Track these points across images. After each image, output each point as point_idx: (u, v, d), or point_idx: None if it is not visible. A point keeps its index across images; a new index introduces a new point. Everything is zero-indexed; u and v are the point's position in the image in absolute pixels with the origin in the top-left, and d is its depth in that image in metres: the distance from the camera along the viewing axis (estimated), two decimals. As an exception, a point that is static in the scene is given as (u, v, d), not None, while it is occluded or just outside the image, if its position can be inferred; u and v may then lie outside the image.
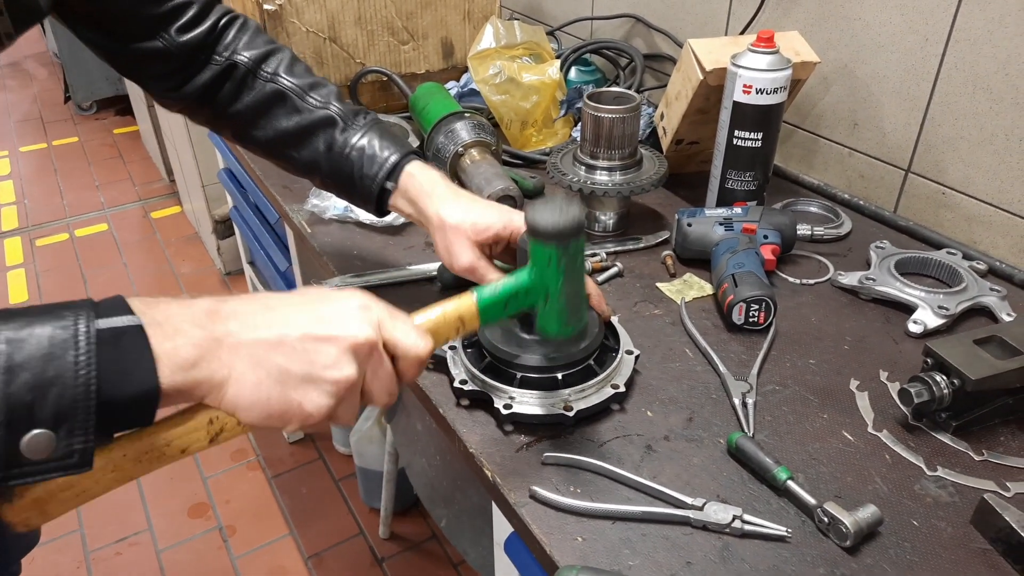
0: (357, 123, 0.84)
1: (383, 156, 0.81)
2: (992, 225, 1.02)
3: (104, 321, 0.44)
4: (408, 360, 0.54)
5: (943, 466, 0.71)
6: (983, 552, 0.63)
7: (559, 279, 0.63)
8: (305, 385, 0.49)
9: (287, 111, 0.84)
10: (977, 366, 0.72)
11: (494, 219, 0.77)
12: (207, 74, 0.83)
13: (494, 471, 0.71)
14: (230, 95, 0.84)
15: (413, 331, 0.55)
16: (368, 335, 0.51)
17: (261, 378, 0.49)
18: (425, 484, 1.41)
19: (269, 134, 0.85)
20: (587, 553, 0.63)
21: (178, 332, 0.47)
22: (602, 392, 0.75)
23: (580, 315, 0.67)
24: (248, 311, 0.50)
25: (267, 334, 0.49)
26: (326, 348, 0.50)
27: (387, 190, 0.82)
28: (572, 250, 0.62)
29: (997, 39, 0.95)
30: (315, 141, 0.83)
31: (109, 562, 1.83)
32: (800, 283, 0.99)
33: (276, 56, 0.85)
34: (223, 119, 0.87)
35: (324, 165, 0.84)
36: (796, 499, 0.66)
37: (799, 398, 0.80)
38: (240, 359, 0.48)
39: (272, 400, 0.49)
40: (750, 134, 1.01)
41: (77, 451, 0.43)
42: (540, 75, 1.29)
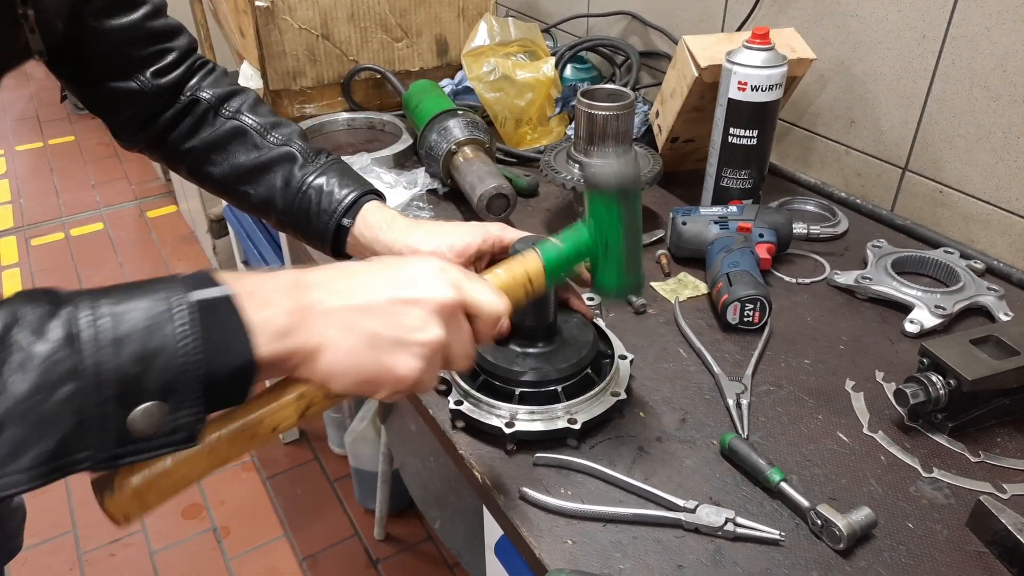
0: (318, 161, 0.82)
1: (342, 193, 0.79)
2: (990, 224, 1.01)
3: (197, 293, 0.44)
4: (485, 319, 0.55)
5: (939, 468, 0.70)
6: (979, 555, 0.62)
7: (619, 230, 0.63)
8: (396, 348, 0.50)
9: (246, 148, 0.82)
10: (974, 366, 0.71)
11: (471, 236, 0.73)
12: (169, 112, 0.82)
13: (483, 473, 0.70)
14: (188, 130, 0.83)
15: (490, 290, 0.55)
16: (451, 295, 0.52)
17: (352, 344, 0.49)
18: (419, 485, 1.40)
19: (225, 170, 0.83)
20: (577, 556, 0.62)
21: (269, 302, 0.47)
22: (604, 401, 0.73)
23: (639, 267, 0.67)
24: (332, 279, 0.51)
25: (355, 300, 0.50)
26: (413, 311, 0.51)
27: (344, 227, 0.78)
28: (631, 199, 0.63)
29: (994, 36, 0.94)
30: (272, 177, 0.81)
31: (102, 563, 1.82)
32: (796, 282, 0.98)
33: (240, 96, 0.84)
34: (179, 155, 0.84)
35: (280, 202, 0.81)
36: (789, 501, 0.65)
37: (794, 399, 0.79)
38: (331, 326, 0.49)
39: (365, 365, 0.50)
40: (745, 132, 1.00)
41: (184, 425, 0.43)
42: (535, 72, 1.28)
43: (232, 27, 1.49)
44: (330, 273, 0.51)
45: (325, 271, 0.52)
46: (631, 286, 0.67)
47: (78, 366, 0.40)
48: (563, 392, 0.72)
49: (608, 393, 0.74)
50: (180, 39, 0.81)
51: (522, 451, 0.71)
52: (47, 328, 0.41)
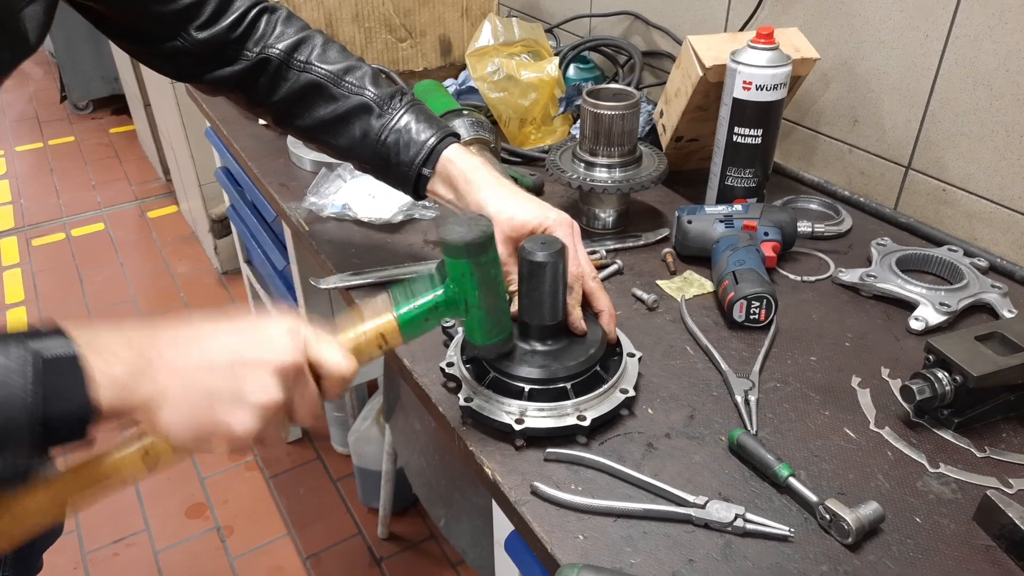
0: (393, 106, 0.84)
1: (419, 140, 0.81)
2: (993, 222, 1.02)
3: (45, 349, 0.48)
4: (333, 380, 0.57)
5: (945, 463, 0.71)
6: (986, 549, 0.63)
7: (475, 292, 0.64)
8: (233, 406, 0.52)
9: (323, 100, 0.84)
10: (979, 363, 0.72)
11: (531, 215, 0.76)
12: (239, 67, 0.84)
13: (494, 469, 0.70)
14: (266, 88, 0.85)
15: (337, 351, 0.57)
16: (294, 358, 0.54)
17: (192, 397, 0.52)
18: (423, 484, 1.41)
19: (308, 123, 0.86)
20: (588, 551, 0.62)
21: (115, 357, 0.50)
22: (613, 398, 0.74)
23: (503, 325, 0.69)
24: (180, 338, 0.54)
25: (198, 359, 0.53)
26: (253, 371, 0.53)
27: (424, 176, 0.82)
28: (484, 262, 0.63)
29: (997, 35, 0.94)
30: (350, 129, 0.84)
31: (106, 563, 1.82)
32: (801, 280, 0.98)
33: (308, 44, 0.86)
34: (261, 108, 0.88)
35: (360, 152, 0.85)
36: (798, 496, 0.66)
37: (800, 395, 0.79)
38: (172, 380, 0.51)
39: (202, 418, 0.52)
40: (750, 131, 1.01)
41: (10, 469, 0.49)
42: (539, 72, 1.29)
43: (236, 27, 1.49)
44: (179, 332, 0.54)
45: (177, 328, 0.54)
46: (495, 344, 0.69)
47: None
48: (572, 389, 0.73)
49: (617, 390, 0.74)
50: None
51: (531, 448, 0.72)
52: None
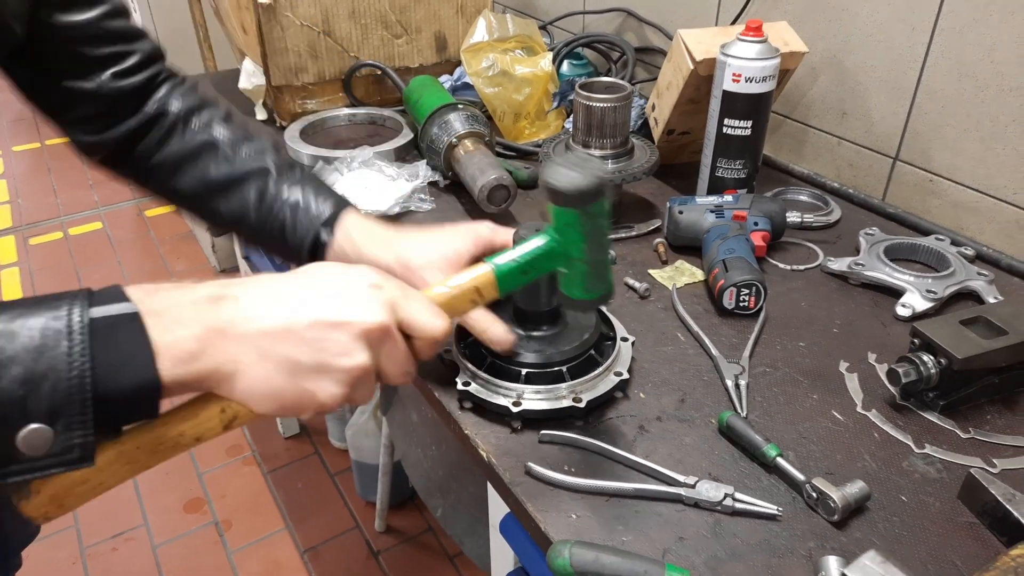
0: (293, 175, 0.78)
1: (319, 207, 0.75)
2: (979, 211, 1.03)
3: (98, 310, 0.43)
4: (424, 340, 0.53)
5: (931, 444, 0.72)
6: (970, 526, 0.64)
7: (582, 243, 0.59)
8: (317, 375, 0.48)
9: (217, 161, 0.78)
10: (963, 345, 0.73)
11: (460, 242, 0.72)
12: (133, 121, 0.78)
13: (489, 451, 0.71)
14: (155, 143, 0.79)
15: (428, 309, 0.53)
16: (381, 319, 0.49)
17: (270, 371, 0.47)
18: (421, 475, 1.42)
19: (195, 184, 0.79)
20: (581, 529, 0.64)
21: (178, 322, 0.45)
22: (607, 380, 0.75)
23: (605, 279, 0.63)
24: (253, 296, 0.48)
25: (273, 323, 0.47)
26: (337, 335, 0.48)
27: (323, 242, 0.75)
28: (595, 211, 0.58)
29: (982, 27, 0.96)
30: (245, 191, 0.77)
31: (105, 558, 1.83)
32: (790, 269, 1.00)
33: (210, 108, 0.81)
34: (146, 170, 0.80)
35: (253, 216, 0.77)
36: (786, 476, 0.68)
37: (789, 380, 0.81)
38: (246, 351, 0.46)
39: (284, 392, 0.47)
40: (740, 122, 1.02)
41: (77, 445, 0.42)
42: (532, 67, 1.30)
43: (234, 24, 1.51)
44: (252, 289, 0.49)
45: (248, 286, 0.49)
46: (596, 299, 0.64)
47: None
48: (568, 372, 0.75)
49: (611, 373, 0.76)
50: (142, 43, 0.78)
51: (527, 430, 0.73)
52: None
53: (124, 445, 0.47)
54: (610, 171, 1.04)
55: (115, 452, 0.46)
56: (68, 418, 0.41)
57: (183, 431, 0.48)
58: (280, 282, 0.50)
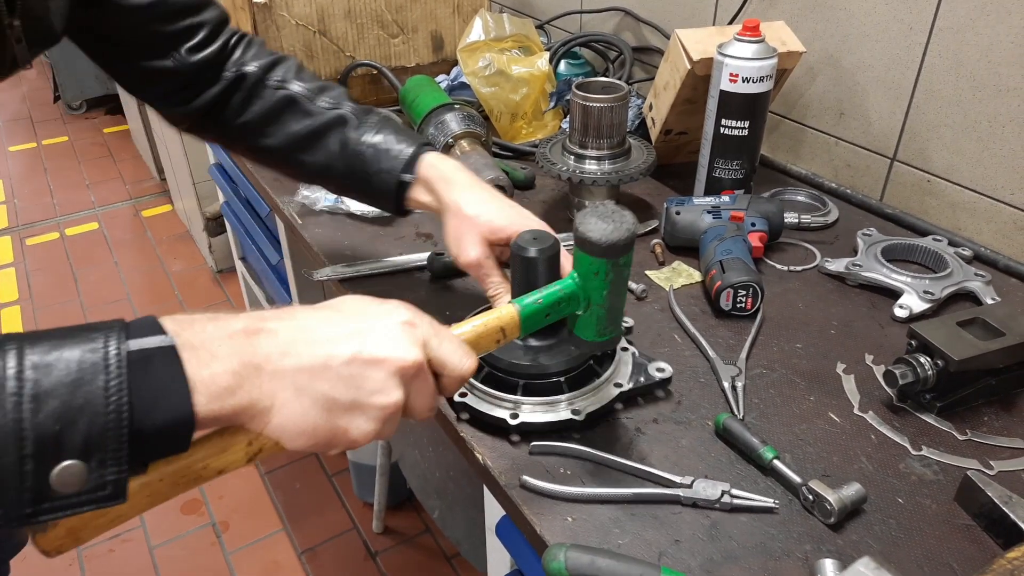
0: (369, 120, 0.83)
1: (398, 149, 0.80)
2: (976, 212, 1.03)
3: (136, 343, 0.42)
4: (452, 377, 0.53)
5: (928, 446, 0.72)
6: (966, 528, 0.64)
7: (604, 291, 0.61)
8: (352, 412, 0.48)
9: (297, 116, 0.83)
10: (960, 347, 0.73)
11: (510, 221, 0.74)
12: (215, 89, 0.82)
13: (485, 455, 0.71)
14: (239, 105, 0.83)
15: (459, 349, 0.53)
16: (416, 357, 0.49)
17: (306, 407, 0.46)
18: (418, 476, 1.42)
19: (281, 140, 0.83)
20: (577, 532, 0.63)
21: (215, 358, 0.44)
22: (607, 392, 0.74)
23: (617, 324, 0.66)
24: (288, 332, 0.48)
25: (310, 360, 0.47)
26: (372, 373, 0.48)
27: (405, 182, 0.80)
28: (621, 263, 0.60)
29: (979, 27, 0.96)
30: (328, 142, 0.82)
31: (102, 559, 1.83)
32: (787, 270, 1.00)
33: (283, 64, 0.85)
34: (233, 131, 0.85)
35: (339, 165, 0.82)
36: (782, 478, 0.67)
37: (786, 381, 0.80)
38: (283, 387, 0.46)
39: (318, 428, 0.47)
40: (737, 122, 1.02)
41: (110, 483, 0.41)
42: (529, 67, 1.30)
43: (229, 24, 1.50)
44: (288, 323, 0.48)
45: (283, 319, 0.49)
46: (607, 342, 0.67)
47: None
48: (566, 383, 0.74)
49: (611, 384, 0.75)
50: (208, 11, 0.81)
51: (526, 442, 0.72)
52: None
53: (148, 477, 0.46)
54: (607, 171, 1.04)
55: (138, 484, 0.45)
56: (103, 454, 0.40)
57: (207, 464, 0.47)
58: (315, 316, 0.50)
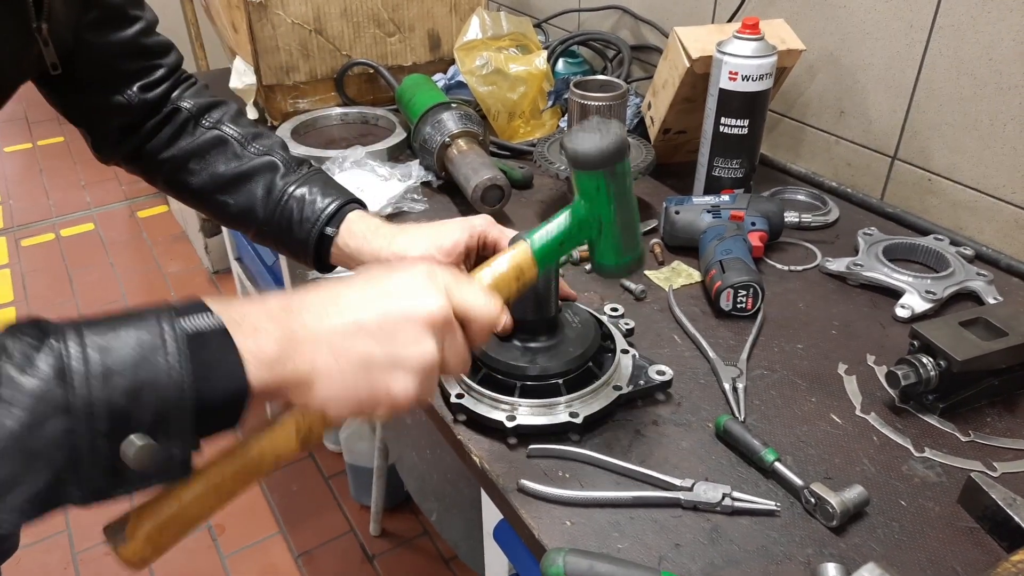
0: (300, 171, 0.81)
1: (324, 202, 0.78)
2: (978, 211, 1.02)
3: (188, 321, 0.43)
4: (479, 323, 0.53)
5: (930, 447, 0.71)
6: (970, 530, 0.63)
7: (611, 206, 0.60)
8: (391, 369, 0.48)
9: (226, 157, 0.82)
10: (963, 347, 0.72)
11: (458, 234, 0.73)
12: (149, 123, 0.82)
13: (483, 458, 0.70)
14: (167, 139, 0.82)
15: (481, 293, 0.53)
16: (442, 305, 0.50)
17: (345, 368, 0.47)
18: (415, 478, 1.41)
19: (204, 179, 0.82)
20: (576, 536, 0.62)
21: (257, 330, 0.46)
22: (605, 395, 0.73)
23: (636, 241, 0.64)
24: (318, 302, 0.49)
25: (342, 321, 0.48)
26: (404, 326, 0.49)
27: (328, 236, 0.77)
28: (619, 172, 0.58)
29: (980, 24, 0.95)
30: (253, 187, 0.80)
31: (97, 562, 1.82)
32: (788, 269, 0.99)
33: (221, 107, 0.85)
34: (156, 164, 0.84)
35: (261, 211, 0.80)
36: (783, 480, 0.66)
37: (787, 382, 0.80)
38: (321, 352, 0.47)
39: (360, 388, 0.48)
40: (736, 121, 1.01)
41: (177, 456, 0.43)
42: (527, 66, 1.29)
43: (225, 23, 1.49)
44: (316, 296, 0.50)
45: (311, 294, 0.50)
46: (631, 263, 0.65)
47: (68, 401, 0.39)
48: (564, 386, 0.72)
49: (610, 387, 0.74)
50: (170, 56, 0.83)
51: (524, 444, 0.71)
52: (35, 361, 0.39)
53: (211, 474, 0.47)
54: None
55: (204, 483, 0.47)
56: (170, 428, 0.42)
57: (263, 451, 0.48)
58: (341, 286, 0.51)
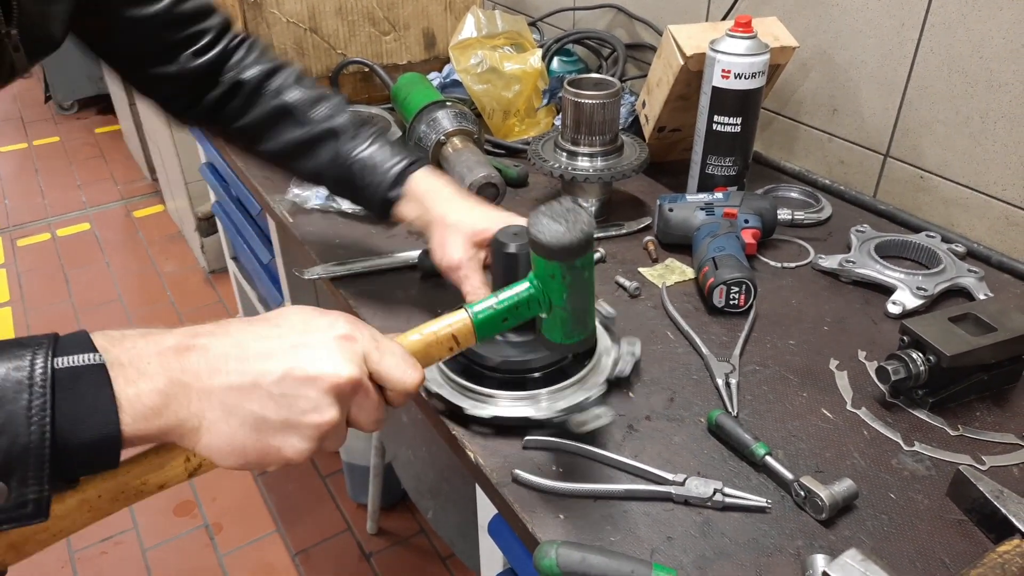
0: (361, 134, 0.85)
1: (385, 167, 0.83)
2: (969, 208, 1.03)
3: (63, 360, 0.42)
4: (396, 392, 0.52)
5: (920, 441, 0.72)
6: (958, 522, 0.64)
7: (563, 294, 0.58)
8: (284, 431, 0.46)
9: (292, 125, 0.85)
10: (952, 342, 0.73)
11: (492, 223, 0.75)
12: (214, 93, 0.85)
13: (476, 452, 0.71)
14: (236, 111, 0.86)
15: (401, 362, 0.51)
16: (351, 374, 0.48)
17: (235, 427, 0.45)
18: (412, 476, 1.41)
19: (275, 147, 0.86)
20: (569, 530, 0.63)
21: (142, 375, 0.43)
22: (586, 389, 0.73)
23: (585, 325, 0.62)
24: (220, 348, 0.46)
25: (240, 379, 0.46)
26: (305, 391, 0.46)
27: (390, 200, 0.82)
28: (579, 264, 0.57)
29: (971, 22, 0.96)
30: (318, 153, 0.85)
31: (94, 561, 1.82)
32: (781, 266, 0.99)
33: (282, 72, 0.87)
34: (230, 134, 0.89)
35: (329, 175, 0.86)
36: (774, 474, 0.67)
37: (779, 378, 0.80)
38: (211, 407, 0.45)
39: (249, 448, 0.46)
40: (729, 119, 1.02)
41: (31, 501, 0.41)
42: (522, 64, 1.29)
43: (219, 22, 1.49)
44: (220, 340, 0.47)
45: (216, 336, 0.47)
46: (576, 344, 0.63)
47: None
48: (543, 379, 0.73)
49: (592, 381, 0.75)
50: (213, 18, 0.84)
51: (512, 435, 0.72)
52: None
53: (86, 493, 0.46)
54: (600, 168, 1.04)
55: (76, 500, 0.45)
56: (23, 474, 0.40)
57: (147, 480, 0.47)
58: (249, 331, 0.48)
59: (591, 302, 0.62)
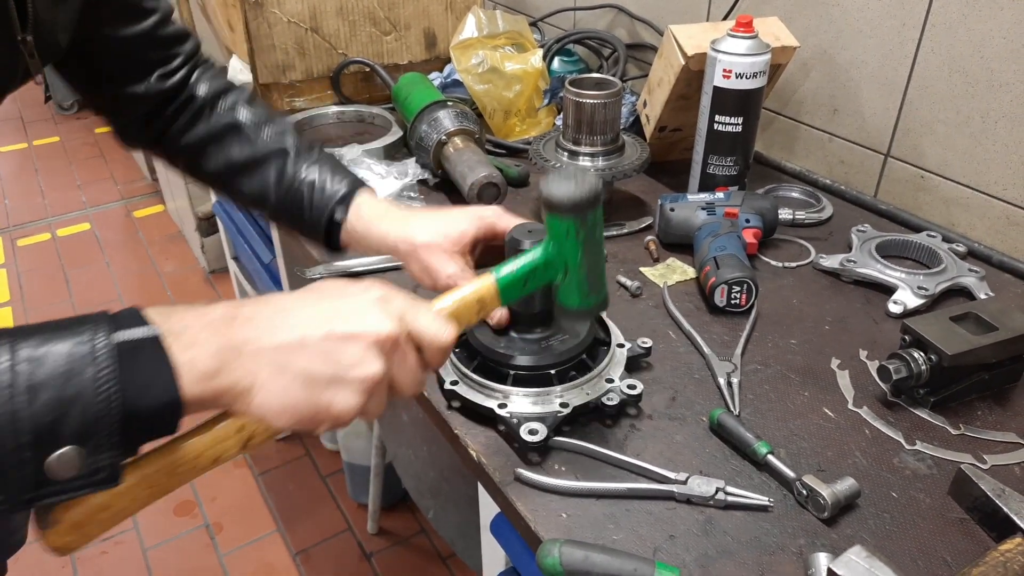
0: (310, 156, 0.83)
1: (334, 187, 0.80)
2: (970, 207, 1.03)
3: (122, 334, 0.44)
4: (433, 349, 0.54)
5: (921, 440, 0.72)
6: (960, 521, 0.64)
7: (578, 252, 0.61)
8: (333, 386, 0.49)
9: (239, 142, 0.83)
10: (953, 342, 0.73)
11: (466, 223, 0.74)
12: (169, 109, 0.84)
13: (478, 451, 0.71)
14: (184, 125, 0.84)
15: (435, 319, 0.54)
16: (391, 329, 0.50)
17: (286, 384, 0.48)
18: (412, 475, 1.41)
19: (220, 164, 0.84)
20: (572, 528, 0.63)
21: (195, 342, 0.46)
22: (597, 387, 0.74)
23: (600, 286, 0.65)
24: (265, 315, 0.49)
25: (287, 337, 0.48)
26: (349, 346, 0.49)
27: (337, 221, 0.79)
28: (590, 221, 0.60)
29: (971, 22, 0.96)
30: (265, 171, 0.82)
31: (94, 561, 1.82)
32: (782, 266, 0.99)
33: (235, 92, 0.86)
34: (176, 150, 0.86)
35: (273, 195, 0.82)
36: (776, 473, 0.67)
37: (781, 377, 0.80)
38: (262, 366, 0.48)
39: (300, 405, 0.48)
40: (730, 119, 1.02)
41: (105, 467, 0.43)
42: (523, 64, 1.29)
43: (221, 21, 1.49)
44: (264, 308, 0.50)
45: (259, 305, 0.50)
46: (594, 306, 0.66)
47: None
48: (557, 376, 0.73)
49: (603, 379, 0.74)
50: (187, 44, 0.84)
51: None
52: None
53: (145, 469, 0.47)
54: (601, 168, 1.04)
55: (135, 477, 0.47)
56: (97, 440, 0.43)
57: (202, 452, 0.49)
58: (290, 300, 0.51)
59: (603, 264, 0.65)
